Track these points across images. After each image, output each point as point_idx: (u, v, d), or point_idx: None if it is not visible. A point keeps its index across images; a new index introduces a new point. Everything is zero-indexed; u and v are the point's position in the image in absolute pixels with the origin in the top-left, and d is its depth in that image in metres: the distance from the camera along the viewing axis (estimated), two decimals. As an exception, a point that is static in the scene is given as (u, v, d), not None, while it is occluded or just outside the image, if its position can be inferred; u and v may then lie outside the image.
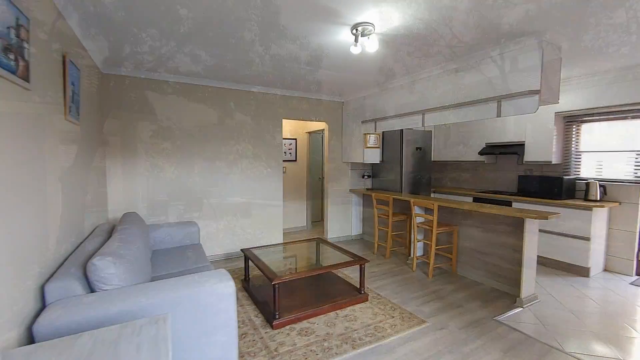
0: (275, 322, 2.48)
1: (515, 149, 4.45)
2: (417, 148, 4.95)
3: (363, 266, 3.02)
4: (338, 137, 5.18)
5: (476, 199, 4.80)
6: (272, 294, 2.52)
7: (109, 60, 3.18)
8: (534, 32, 2.44)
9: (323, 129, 5.38)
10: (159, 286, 1.69)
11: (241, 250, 3.33)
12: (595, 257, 3.72)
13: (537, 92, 2.51)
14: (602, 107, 3.65)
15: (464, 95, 3.11)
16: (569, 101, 3.93)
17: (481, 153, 4.86)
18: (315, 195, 6.31)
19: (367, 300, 2.98)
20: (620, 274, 3.78)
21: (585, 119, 4.05)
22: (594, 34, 2.48)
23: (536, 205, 4.05)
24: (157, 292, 1.63)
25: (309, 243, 3.71)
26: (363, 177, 5.37)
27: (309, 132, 5.96)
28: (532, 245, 2.99)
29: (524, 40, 2.56)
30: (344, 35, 2.50)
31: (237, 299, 3.01)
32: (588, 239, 3.61)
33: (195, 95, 3.94)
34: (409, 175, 4.92)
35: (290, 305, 2.73)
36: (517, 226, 3.11)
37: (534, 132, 4.29)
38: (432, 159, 5.83)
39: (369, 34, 2.36)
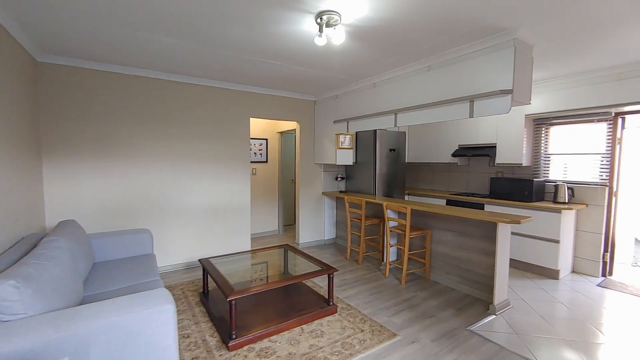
0: (231, 343, 2.22)
1: (487, 151, 4.43)
2: (390, 149, 4.83)
3: (332, 276, 2.81)
4: (310, 137, 4.96)
5: (449, 202, 4.75)
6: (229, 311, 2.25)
7: (45, 46, 2.79)
8: (507, 29, 2.34)
9: (295, 129, 5.15)
10: (74, 315, 1.39)
11: (199, 260, 3.02)
12: (564, 259, 3.73)
13: (509, 91, 2.42)
14: (570, 110, 3.67)
15: (436, 95, 2.98)
16: (538, 104, 3.94)
17: (454, 155, 4.81)
18: (288, 197, 6.07)
19: (335, 312, 2.77)
20: (587, 275, 3.81)
21: (554, 121, 4.08)
22: (567, 34, 2.42)
23: (507, 208, 4.03)
24: (71, 324, 1.34)
25: (277, 250, 3.46)
26: (337, 179, 5.19)
27: (281, 132, 5.71)
28: (504, 250, 2.91)
29: (497, 38, 2.46)
30: (308, 25, 2.28)
31: (194, 315, 2.71)
32: (557, 242, 3.61)
33: (150, 89, 3.59)
34: (383, 177, 4.79)
35: (251, 321, 2.48)
36: (489, 230, 3.02)
37: (505, 134, 4.28)
38: (407, 161, 5.76)
39: (335, 24, 2.16)
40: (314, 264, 2.94)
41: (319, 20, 2.14)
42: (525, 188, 3.94)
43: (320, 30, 2.16)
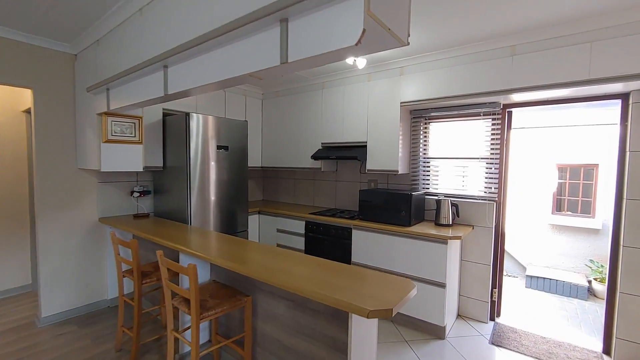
0: None
1: (356, 152, 3.13)
2: (219, 147, 3.06)
3: None
4: (66, 120, 2.74)
5: (309, 225, 3.29)
6: None
7: None
8: None
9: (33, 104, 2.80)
10: None
11: None
12: (451, 306, 2.65)
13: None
14: (453, 98, 2.62)
15: (221, 15, 1.31)
16: (415, 88, 2.81)
17: (315, 157, 3.38)
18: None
19: None
20: (474, 320, 2.84)
21: (433, 115, 3.04)
22: None
23: (380, 235, 2.76)
24: None
25: None
26: (132, 194, 3.10)
27: (27, 111, 3.25)
28: (365, 349, 1.46)
29: None
30: None
31: None
32: (443, 286, 2.48)
33: None
34: (207, 191, 2.99)
35: None
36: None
37: (377, 130, 3.05)
38: (261, 165, 4.10)
39: None
40: None
41: None
42: (401, 205, 2.74)
43: None
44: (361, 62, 2.52)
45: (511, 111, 2.76)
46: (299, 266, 1.61)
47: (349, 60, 2.42)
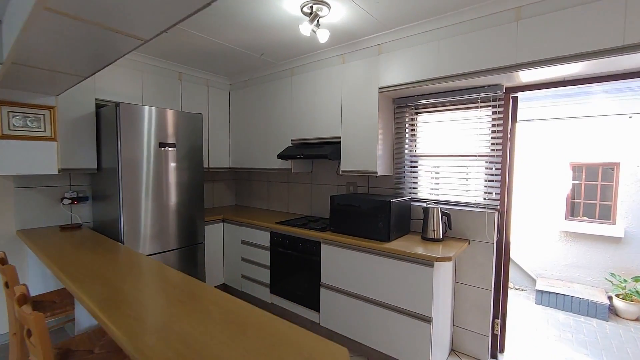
0: None
1: (327, 150, 2.59)
2: (162, 144, 2.55)
3: None
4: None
5: (274, 237, 2.76)
6: None
7: None
8: None
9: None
10: None
11: None
12: (441, 340, 2.11)
13: None
14: (444, 79, 2.08)
15: None
16: (398, 70, 2.26)
17: (283, 156, 2.85)
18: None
19: None
20: (471, 357, 2.29)
21: (421, 103, 2.49)
22: None
23: (352, 252, 2.23)
24: None
25: None
26: (62, 200, 2.60)
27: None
28: None
29: None
30: None
31: None
32: (429, 320, 1.93)
33: None
34: (156, 196, 2.49)
35: None
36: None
37: (352, 122, 2.52)
38: (230, 165, 3.59)
39: None
40: None
41: None
42: (378, 215, 2.20)
43: None
44: (323, 33, 1.98)
45: (516, 97, 2.20)
46: (184, 320, 1.09)
47: (304, 30, 1.89)
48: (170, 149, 2.59)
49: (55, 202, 2.60)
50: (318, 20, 1.94)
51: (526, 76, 1.92)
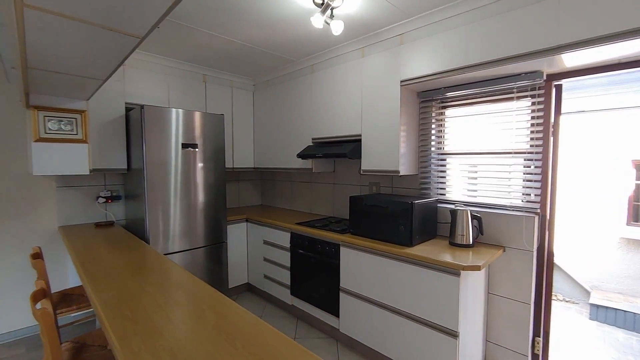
0: None
1: (346, 149, 2.48)
2: (185, 145, 2.60)
3: None
4: (16, 118, 2.46)
5: (294, 237, 2.71)
6: None
7: None
8: None
9: None
10: None
11: None
12: (469, 357, 1.91)
13: None
14: (475, 67, 1.87)
15: None
16: (421, 60, 2.09)
17: (303, 155, 2.79)
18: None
19: None
20: (506, 378, 2.05)
21: (448, 96, 2.28)
22: None
23: (372, 257, 2.10)
24: None
25: None
26: (97, 199, 2.77)
27: None
28: None
29: None
30: None
31: None
32: (455, 335, 1.75)
33: None
34: (180, 196, 2.56)
35: None
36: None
37: (372, 119, 2.38)
38: (254, 165, 3.62)
39: None
40: None
41: None
42: (400, 218, 2.04)
43: None
44: (337, 24, 1.88)
45: (560, 85, 1.92)
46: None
47: (316, 22, 1.79)
48: (194, 149, 2.64)
49: (91, 201, 2.77)
50: (332, 11, 1.84)
51: (571, 60, 1.66)
